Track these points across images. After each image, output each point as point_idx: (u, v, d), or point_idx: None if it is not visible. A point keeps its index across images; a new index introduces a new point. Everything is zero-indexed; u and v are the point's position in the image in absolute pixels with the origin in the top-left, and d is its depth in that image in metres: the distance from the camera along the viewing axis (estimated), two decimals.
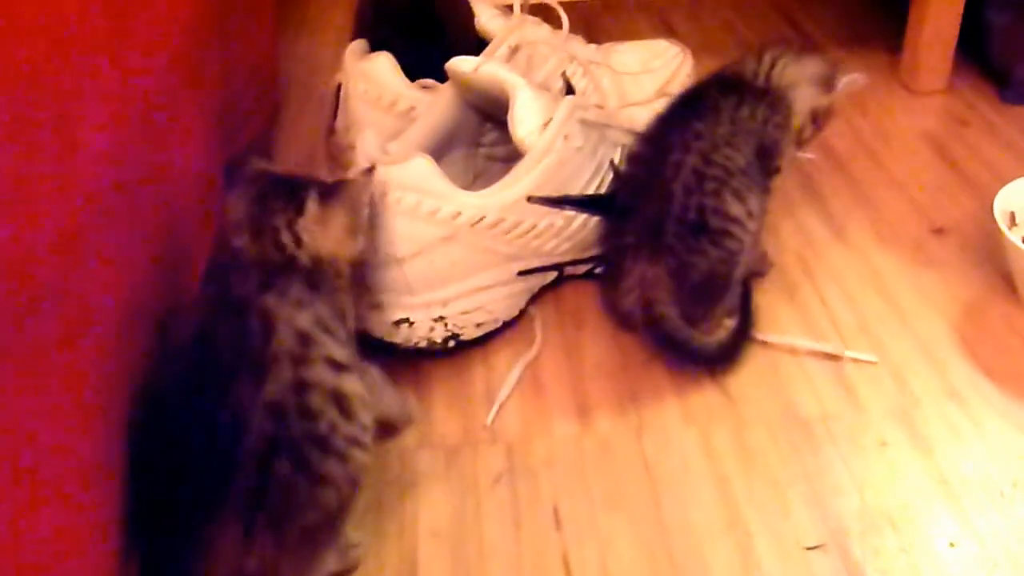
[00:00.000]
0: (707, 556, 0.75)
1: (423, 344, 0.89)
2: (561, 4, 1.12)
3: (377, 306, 0.87)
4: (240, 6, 1.06)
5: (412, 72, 1.03)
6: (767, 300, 0.96)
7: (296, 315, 0.67)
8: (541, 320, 0.94)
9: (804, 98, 0.95)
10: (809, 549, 0.75)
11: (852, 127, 1.22)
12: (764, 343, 0.92)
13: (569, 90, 1.07)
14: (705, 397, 0.87)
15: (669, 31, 1.44)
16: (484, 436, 0.84)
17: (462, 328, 0.90)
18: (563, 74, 1.07)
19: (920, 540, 0.76)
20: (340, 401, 0.68)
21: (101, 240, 0.63)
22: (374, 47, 1.05)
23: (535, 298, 0.96)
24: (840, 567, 0.74)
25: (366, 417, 0.69)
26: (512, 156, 0.96)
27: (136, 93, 0.72)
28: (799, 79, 0.95)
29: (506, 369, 0.89)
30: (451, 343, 0.90)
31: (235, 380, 0.65)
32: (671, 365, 0.88)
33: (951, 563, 0.74)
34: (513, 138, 0.92)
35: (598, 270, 0.98)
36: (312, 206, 0.74)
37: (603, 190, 0.95)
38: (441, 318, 0.89)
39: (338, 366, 0.68)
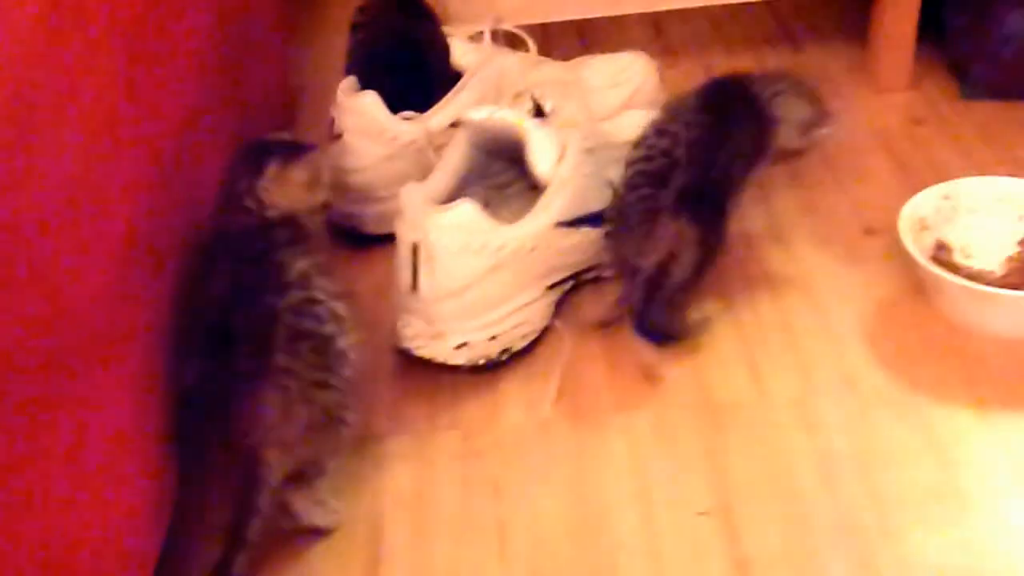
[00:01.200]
0: (615, 520, 0.96)
1: (482, 361, 1.10)
2: (542, 25, 1.33)
3: (439, 335, 1.10)
4: (253, 44, 1.29)
5: (398, 103, 1.25)
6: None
7: (297, 261, 0.94)
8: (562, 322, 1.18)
9: (784, 136, 1.16)
10: (699, 515, 0.96)
11: None
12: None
13: (538, 111, 1.27)
14: (633, 386, 1.08)
15: (659, 32, 1.64)
16: (444, 423, 1.06)
17: (512, 342, 1.11)
18: (532, 96, 1.27)
19: (795, 509, 0.96)
20: (338, 319, 0.94)
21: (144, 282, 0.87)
22: (364, 83, 1.26)
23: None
24: (723, 529, 0.95)
25: (355, 337, 0.95)
26: (511, 183, 1.20)
27: (166, 141, 0.94)
28: (788, 117, 1.15)
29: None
30: (504, 355, 1.11)
31: (262, 294, 0.91)
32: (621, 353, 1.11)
33: (816, 529, 0.94)
34: (534, 174, 1.15)
35: (604, 273, 1.21)
36: (271, 169, 1.00)
37: (607, 204, 1.18)
38: (494, 336, 1.10)
39: (333, 294, 0.94)
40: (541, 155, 1.15)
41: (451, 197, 1.11)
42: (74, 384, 0.73)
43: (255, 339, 0.90)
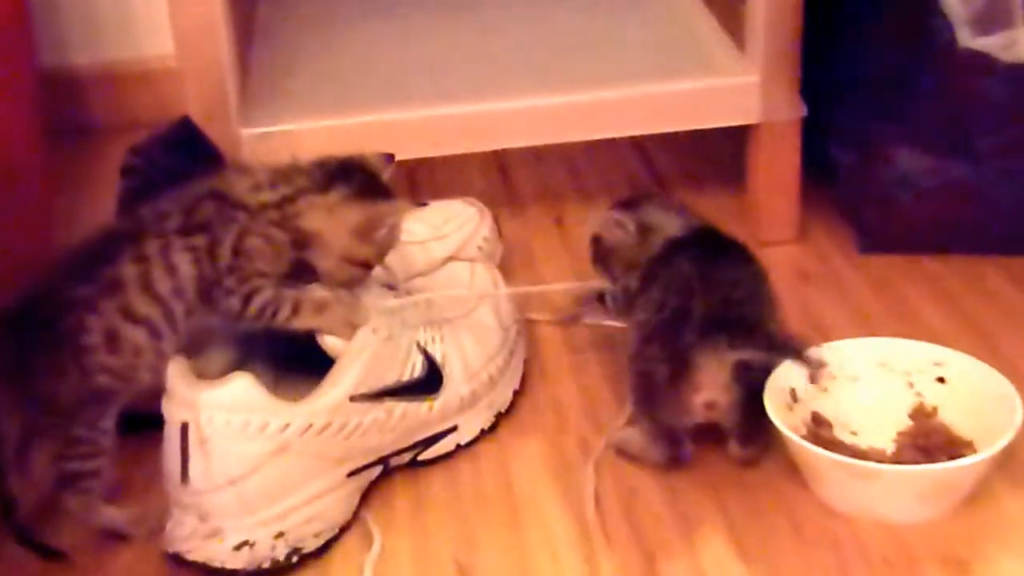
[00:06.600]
0: None
1: (267, 564, 1.16)
2: None
3: (214, 533, 1.17)
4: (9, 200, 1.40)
5: None
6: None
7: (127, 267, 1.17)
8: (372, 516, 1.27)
9: None
10: None
11: None
12: None
13: None
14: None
15: (504, 177, 1.77)
16: None
17: (303, 540, 1.18)
18: None
19: None
20: (113, 338, 1.15)
21: None
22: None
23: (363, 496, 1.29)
24: None
25: (143, 358, 1.18)
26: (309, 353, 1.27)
27: None
28: None
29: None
30: (294, 558, 1.18)
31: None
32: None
33: None
34: (322, 346, 1.23)
35: (422, 456, 1.32)
36: (334, 195, 1.24)
37: (416, 373, 1.28)
38: (281, 534, 1.17)
39: (132, 317, 1.15)
40: None
41: (231, 371, 1.17)
42: None
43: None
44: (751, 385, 1.24)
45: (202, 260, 1.18)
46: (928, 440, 1.28)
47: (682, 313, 1.24)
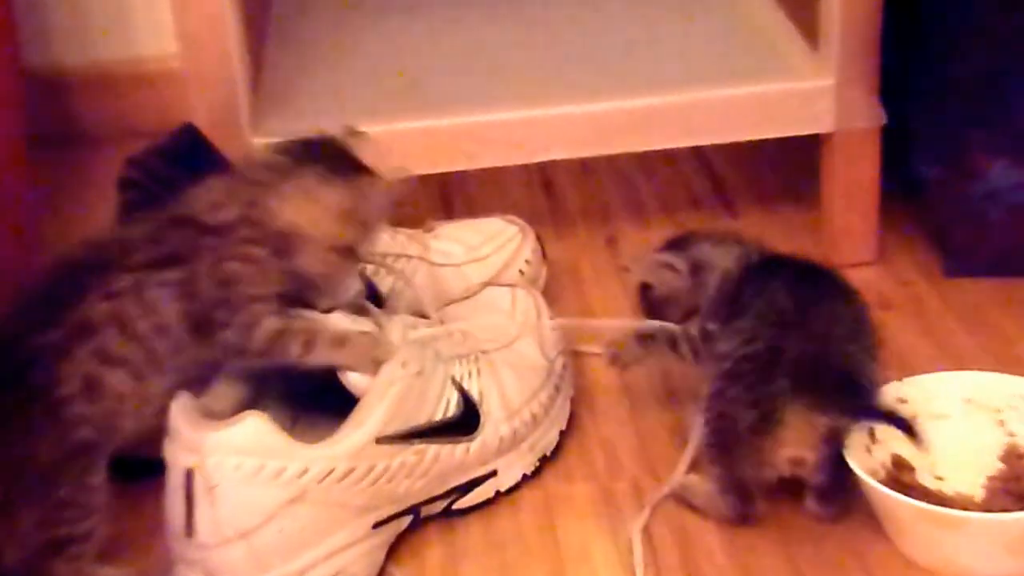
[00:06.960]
0: None
1: None
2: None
3: None
4: None
5: None
6: None
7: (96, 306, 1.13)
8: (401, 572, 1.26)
9: None
10: None
11: None
12: None
13: (371, 293, 1.39)
14: None
15: (549, 193, 1.77)
16: None
17: None
18: (364, 275, 1.39)
19: None
20: (92, 386, 1.13)
21: None
22: None
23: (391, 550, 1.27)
24: None
25: (125, 403, 1.15)
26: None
27: None
28: None
29: None
30: None
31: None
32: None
33: None
34: (344, 383, 1.21)
35: (457, 504, 1.30)
36: (305, 180, 1.21)
37: (450, 412, 1.28)
38: None
39: (109, 360, 1.12)
40: None
41: (242, 409, 1.17)
42: None
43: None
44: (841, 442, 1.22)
45: (184, 296, 1.16)
46: (1021, 485, 1.26)
47: (775, 352, 1.22)
